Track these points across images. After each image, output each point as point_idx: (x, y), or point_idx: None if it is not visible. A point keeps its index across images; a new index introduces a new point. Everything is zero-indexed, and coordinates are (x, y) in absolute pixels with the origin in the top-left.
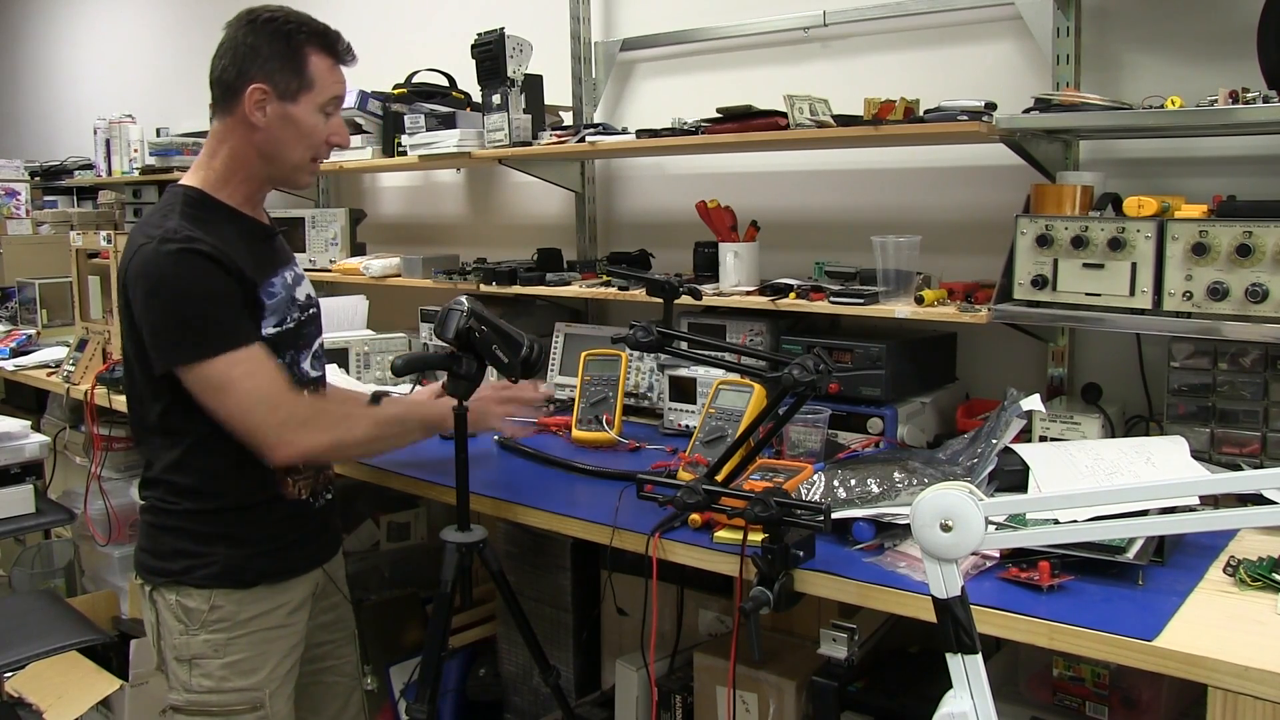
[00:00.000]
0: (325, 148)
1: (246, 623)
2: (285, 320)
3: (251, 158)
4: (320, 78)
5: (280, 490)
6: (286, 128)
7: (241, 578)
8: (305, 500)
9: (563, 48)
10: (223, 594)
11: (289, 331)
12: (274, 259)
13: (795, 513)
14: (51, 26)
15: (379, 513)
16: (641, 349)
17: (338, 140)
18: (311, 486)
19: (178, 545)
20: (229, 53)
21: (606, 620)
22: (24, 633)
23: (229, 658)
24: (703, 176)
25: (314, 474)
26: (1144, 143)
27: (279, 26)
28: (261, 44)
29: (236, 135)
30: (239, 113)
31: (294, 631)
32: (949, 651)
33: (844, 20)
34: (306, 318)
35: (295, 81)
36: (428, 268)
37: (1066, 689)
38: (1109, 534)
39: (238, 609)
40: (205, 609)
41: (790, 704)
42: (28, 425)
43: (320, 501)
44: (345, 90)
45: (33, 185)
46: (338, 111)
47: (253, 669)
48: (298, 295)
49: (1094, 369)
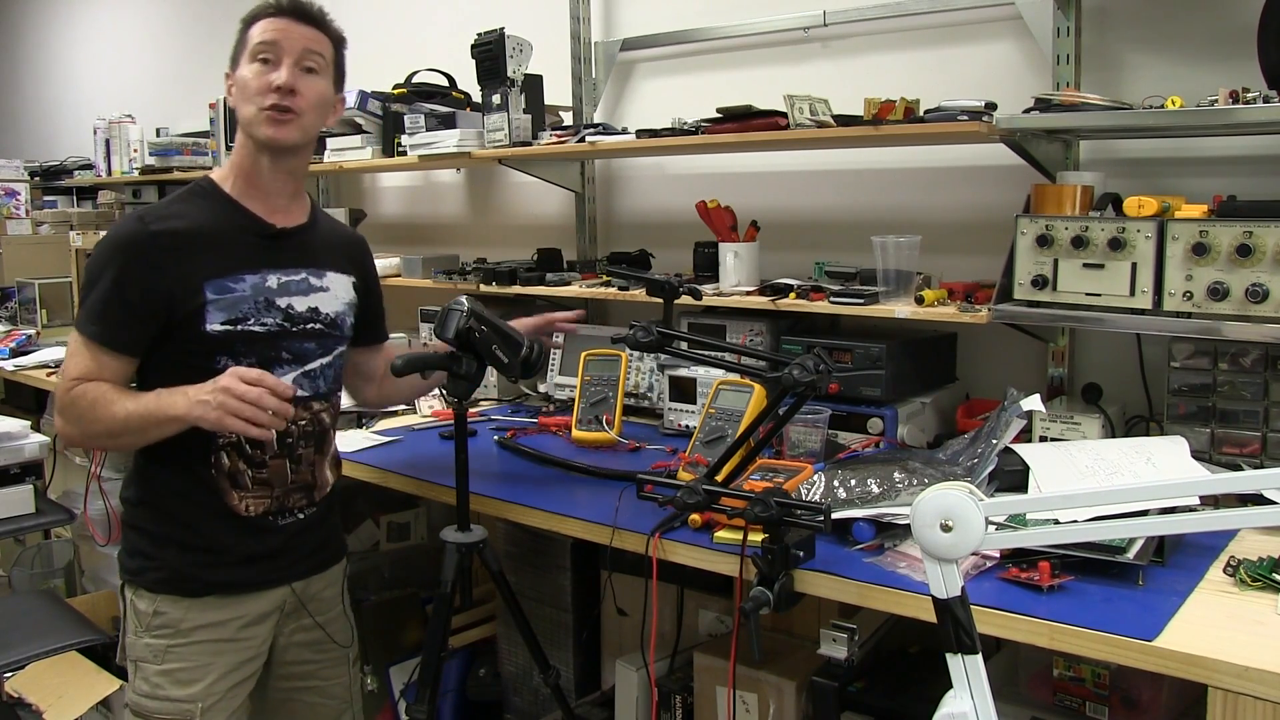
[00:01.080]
0: (270, 93)
1: (189, 632)
2: (247, 321)
3: (241, 141)
4: (252, 35)
5: (225, 500)
6: (236, 92)
7: (187, 585)
8: (258, 517)
9: (563, 48)
10: (169, 600)
11: (250, 334)
12: (259, 257)
13: (795, 513)
14: (51, 26)
15: (379, 513)
16: (641, 349)
17: (279, 82)
18: (269, 505)
19: (138, 544)
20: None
21: (606, 620)
22: (24, 633)
23: (167, 665)
24: (703, 176)
25: (275, 494)
26: (1144, 143)
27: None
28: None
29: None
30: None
31: (247, 646)
32: (949, 651)
33: (844, 20)
34: (301, 330)
35: (239, 50)
36: (428, 268)
37: (1066, 689)
38: (1109, 534)
39: (183, 616)
40: (150, 612)
41: (790, 704)
42: (28, 425)
43: (288, 519)
44: (280, 35)
45: (33, 185)
46: (280, 58)
47: (190, 680)
48: (287, 302)
49: (1094, 369)
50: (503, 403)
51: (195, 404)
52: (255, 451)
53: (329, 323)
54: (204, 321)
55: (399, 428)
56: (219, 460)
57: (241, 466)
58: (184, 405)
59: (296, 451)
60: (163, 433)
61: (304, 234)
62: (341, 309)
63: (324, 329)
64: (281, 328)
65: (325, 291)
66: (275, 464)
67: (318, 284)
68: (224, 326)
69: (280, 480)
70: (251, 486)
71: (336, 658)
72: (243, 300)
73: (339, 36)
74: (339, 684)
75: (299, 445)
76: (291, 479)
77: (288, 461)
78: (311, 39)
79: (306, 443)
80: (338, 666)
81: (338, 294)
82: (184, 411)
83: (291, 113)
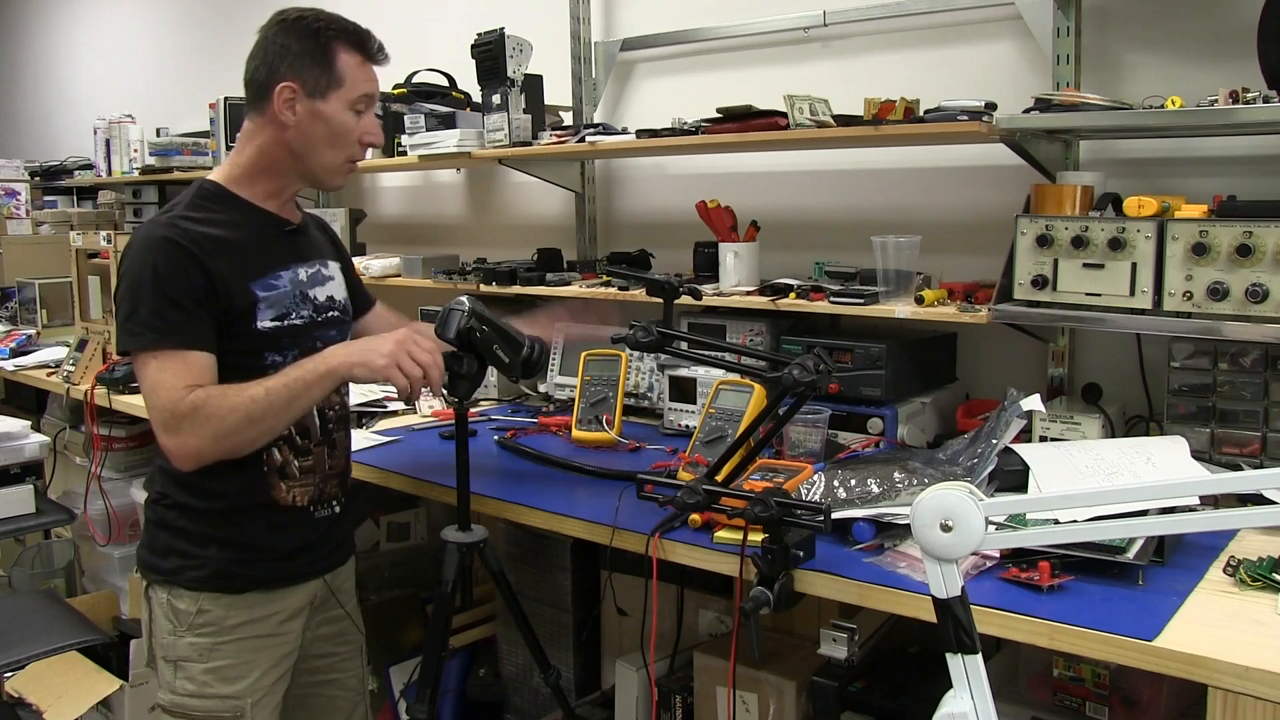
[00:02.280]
0: (359, 148)
1: (234, 629)
2: (290, 316)
3: (281, 156)
4: (350, 75)
5: (273, 495)
6: (316, 125)
7: (231, 583)
8: (303, 508)
9: (563, 48)
10: (211, 598)
11: (294, 329)
12: (287, 253)
13: (795, 513)
14: (51, 26)
15: (379, 513)
16: (641, 349)
17: (371, 140)
18: (311, 494)
19: (172, 543)
20: (260, 53)
21: (606, 620)
22: (24, 633)
23: (213, 663)
24: (703, 176)
25: (317, 481)
26: (1144, 143)
27: (308, 25)
28: (291, 42)
29: (266, 134)
30: (269, 112)
31: (285, 641)
32: (949, 651)
33: (844, 20)
34: (325, 319)
35: (324, 78)
36: (428, 268)
37: (1066, 689)
38: (1109, 534)
39: (225, 614)
40: (193, 611)
41: (790, 704)
42: (28, 425)
43: (324, 511)
44: (377, 89)
45: (33, 185)
46: (370, 110)
47: (237, 676)
48: (314, 294)
49: (1094, 369)
50: (503, 403)
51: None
52: (303, 441)
53: (343, 309)
54: (255, 319)
55: (399, 428)
56: (270, 455)
57: (291, 457)
58: (340, 358)
59: (333, 436)
60: (312, 398)
61: (306, 228)
62: (345, 294)
63: (340, 315)
64: (313, 319)
65: (333, 280)
66: (318, 451)
67: (327, 273)
68: (273, 323)
69: (321, 467)
70: (299, 476)
71: (353, 649)
72: (285, 296)
73: None
74: (354, 676)
75: (335, 430)
76: (329, 465)
77: (326, 448)
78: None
79: (338, 427)
80: (354, 658)
81: (339, 280)
82: (340, 363)
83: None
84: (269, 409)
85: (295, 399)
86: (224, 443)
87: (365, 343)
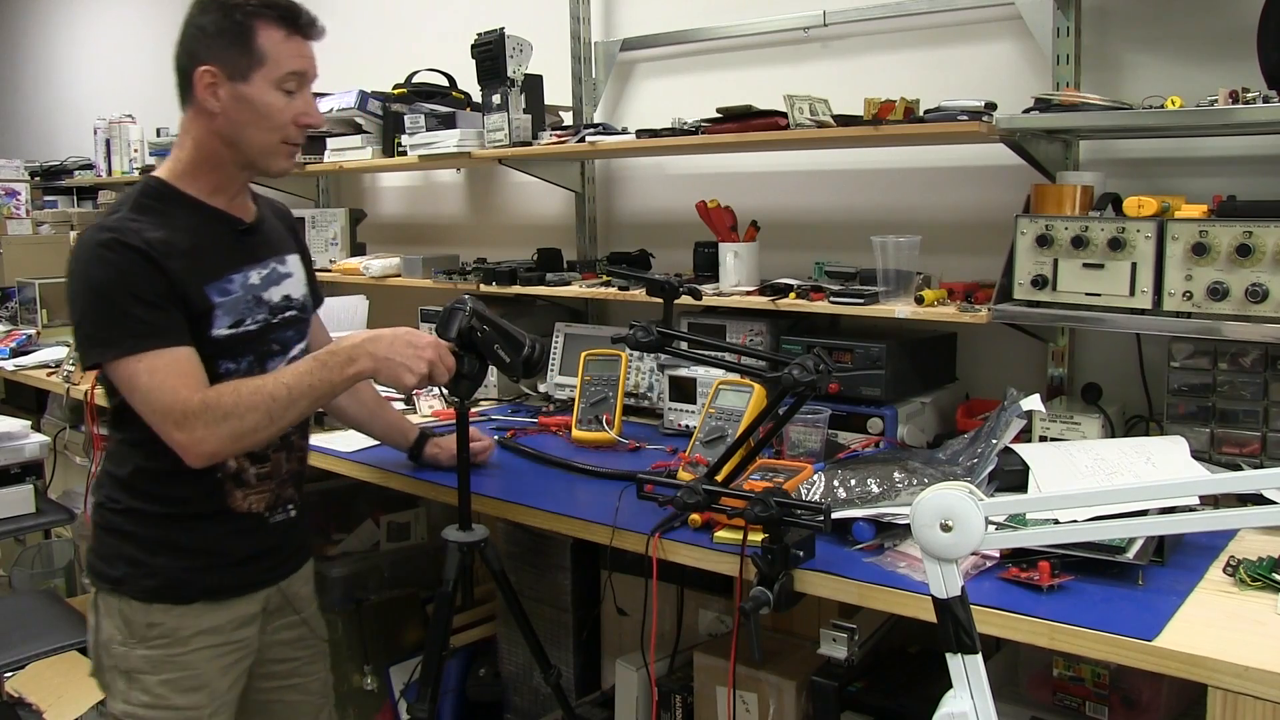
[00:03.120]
0: (294, 129)
1: (187, 639)
2: (245, 321)
3: (216, 146)
4: (273, 51)
5: (229, 503)
6: (242, 109)
7: (182, 592)
8: (258, 514)
9: (563, 48)
10: (162, 609)
11: (250, 334)
12: (239, 255)
13: (795, 513)
14: (51, 26)
15: (379, 513)
16: (641, 349)
17: (308, 120)
18: (268, 500)
19: (121, 549)
20: (181, 38)
21: (606, 620)
22: (24, 633)
23: (168, 674)
24: (703, 176)
25: (272, 487)
26: (1144, 143)
27: (224, 2)
28: (207, 23)
29: (199, 124)
30: (196, 100)
31: (240, 647)
32: (949, 651)
33: (844, 20)
34: (281, 320)
35: (244, 59)
36: (428, 268)
37: (1066, 689)
38: (1109, 534)
39: (178, 624)
40: (145, 624)
41: (790, 704)
42: (28, 425)
43: (280, 516)
44: (309, 65)
45: (33, 185)
46: (304, 89)
47: (192, 687)
48: (268, 296)
49: (1094, 369)
50: (503, 403)
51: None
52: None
53: (300, 307)
54: (211, 326)
55: None
56: (225, 464)
57: (247, 464)
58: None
59: (290, 439)
60: (331, 397)
61: (261, 224)
62: (304, 290)
63: (298, 314)
64: (267, 322)
65: (291, 277)
66: (276, 456)
67: (284, 271)
68: (229, 330)
69: (278, 472)
70: (255, 483)
71: (316, 653)
72: (239, 301)
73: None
74: (318, 679)
75: (293, 433)
76: (286, 469)
77: (284, 453)
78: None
79: (297, 430)
80: (316, 662)
81: (297, 275)
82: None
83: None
84: (290, 407)
85: (318, 399)
86: (241, 441)
87: (390, 346)
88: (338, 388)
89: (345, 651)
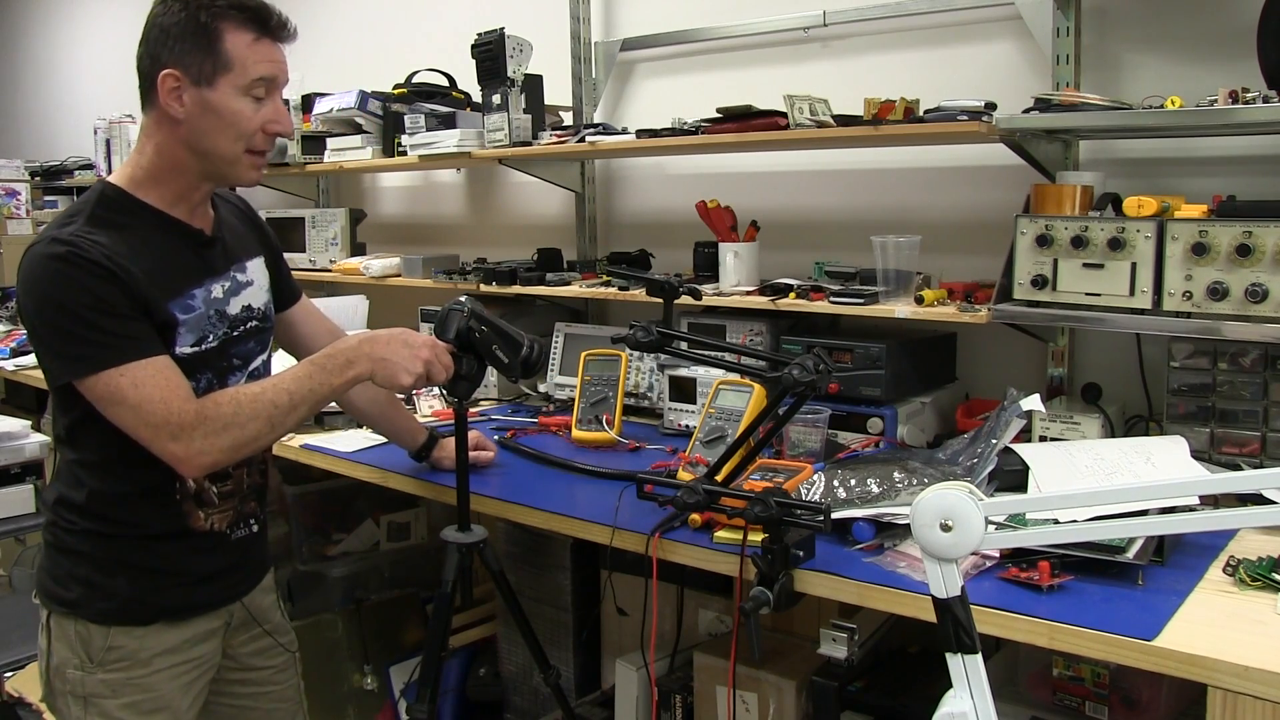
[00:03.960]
0: (261, 136)
1: (147, 661)
2: (206, 338)
3: (179, 153)
4: (238, 56)
5: (189, 524)
6: (207, 116)
7: (140, 614)
8: (220, 532)
9: (563, 48)
10: (122, 631)
11: (210, 351)
12: (200, 269)
13: (795, 513)
14: (51, 26)
15: (379, 513)
16: (641, 349)
17: (276, 128)
18: (229, 519)
19: (75, 570)
20: (144, 37)
21: (606, 620)
22: (24, 633)
23: (128, 698)
24: (703, 176)
25: (234, 505)
26: (1144, 143)
27: (191, 6)
28: (170, 23)
29: (162, 130)
30: (159, 104)
31: (200, 664)
32: (949, 651)
33: (844, 20)
34: (241, 333)
35: (209, 63)
36: (428, 268)
37: (1066, 689)
38: (1109, 534)
39: (138, 646)
40: (104, 647)
41: (790, 704)
42: (28, 425)
43: (241, 531)
44: (279, 70)
45: (33, 185)
46: (273, 95)
47: (154, 709)
48: (228, 309)
49: (1094, 369)
50: (503, 403)
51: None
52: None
53: (261, 316)
54: (175, 344)
55: None
56: (184, 484)
57: (207, 484)
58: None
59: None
60: (335, 398)
61: (220, 231)
62: (266, 298)
63: (259, 324)
64: (228, 336)
65: (250, 285)
66: (237, 473)
67: (244, 280)
68: (191, 349)
69: (240, 489)
70: (218, 502)
71: (286, 661)
72: (201, 318)
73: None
74: (290, 686)
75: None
76: (248, 484)
77: (245, 468)
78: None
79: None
80: (287, 670)
81: (259, 283)
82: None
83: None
84: (291, 413)
85: (318, 404)
86: (241, 451)
87: (387, 347)
88: (337, 391)
89: (345, 651)
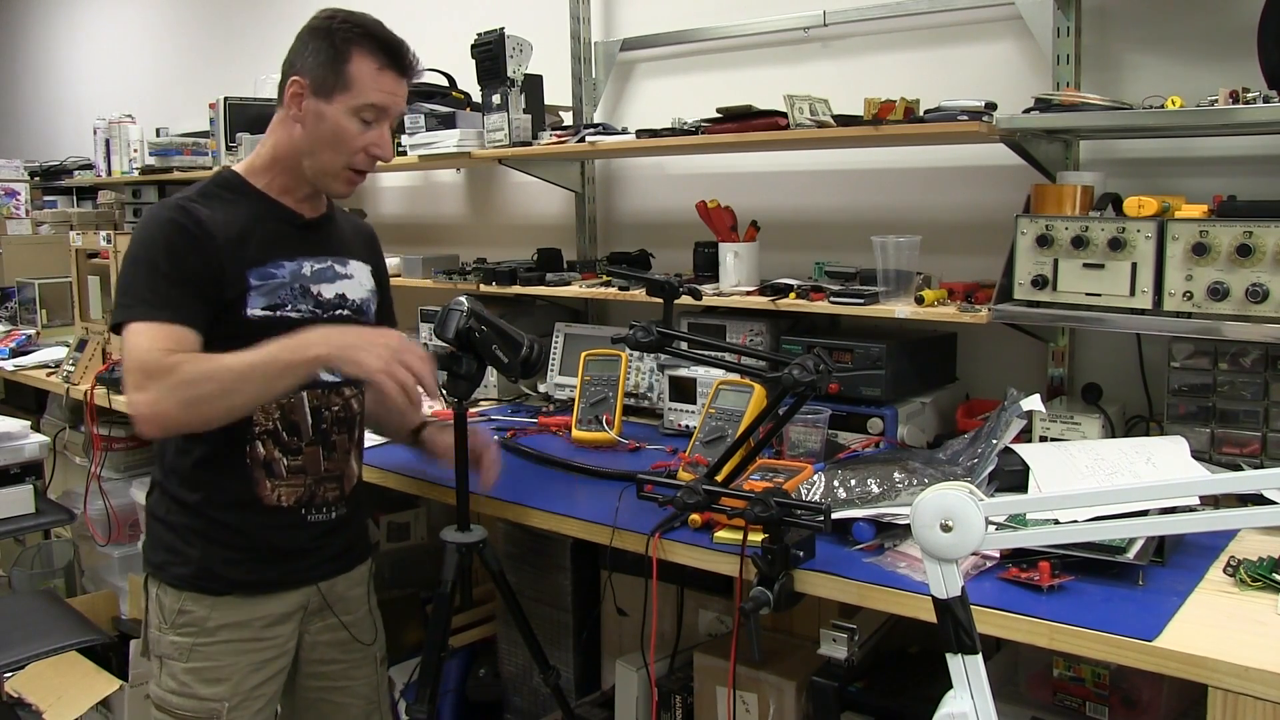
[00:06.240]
0: (362, 156)
1: (214, 631)
2: (284, 307)
3: (292, 153)
4: (360, 80)
5: (257, 492)
6: (319, 126)
7: (213, 584)
8: (291, 509)
9: (563, 48)
10: (193, 597)
11: (289, 322)
12: (295, 245)
13: (795, 513)
14: (51, 26)
15: (379, 513)
16: (641, 349)
17: (378, 152)
18: (301, 495)
19: (163, 537)
20: (294, 43)
21: (606, 620)
22: (24, 633)
23: (193, 663)
24: (703, 176)
25: (308, 483)
26: (1144, 143)
27: (333, 25)
28: (311, 39)
29: (282, 128)
30: (284, 104)
31: (271, 646)
32: (949, 651)
33: (844, 20)
34: (331, 317)
35: (332, 79)
36: (428, 268)
37: (1066, 689)
38: (1109, 534)
39: (207, 615)
40: (176, 609)
41: (790, 704)
42: (28, 425)
43: (318, 515)
44: (394, 102)
45: (33, 185)
46: (382, 122)
47: (216, 679)
48: (319, 289)
49: (1094, 369)
50: (503, 403)
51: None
52: (292, 439)
53: (355, 309)
54: (245, 306)
55: None
56: (254, 449)
57: (277, 454)
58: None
59: (330, 438)
60: (290, 382)
61: (328, 224)
62: (366, 295)
63: (351, 315)
64: (314, 314)
65: (350, 279)
66: (310, 451)
67: (343, 271)
68: (264, 312)
69: (314, 468)
70: (286, 475)
71: (363, 657)
72: (281, 286)
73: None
74: (366, 683)
75: (333, 431)
76: (325, 467)
77: (321, 449)
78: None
79: (339, 429)
80: (364, 666)
81: (361, 281)
82: (326, 353)
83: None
84: (245, 382)
85: (273, 379)
86: (193, 410)
87: (357, 335)
88: (296, 368)
89: None
